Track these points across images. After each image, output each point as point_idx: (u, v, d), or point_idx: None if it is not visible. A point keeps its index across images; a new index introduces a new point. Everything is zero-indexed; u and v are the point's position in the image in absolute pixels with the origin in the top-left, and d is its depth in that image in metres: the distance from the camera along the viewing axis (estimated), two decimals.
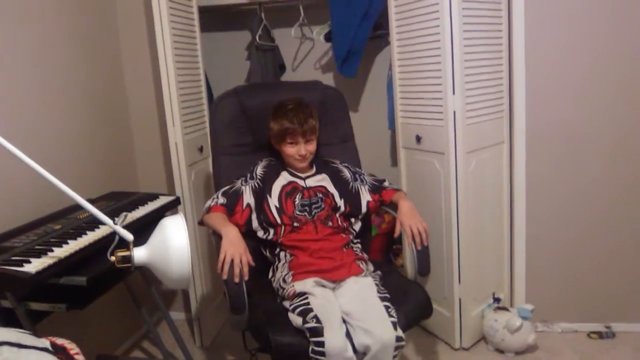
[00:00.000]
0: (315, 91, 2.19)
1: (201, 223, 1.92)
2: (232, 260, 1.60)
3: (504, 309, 2.33)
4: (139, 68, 2.56)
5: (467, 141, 2.16)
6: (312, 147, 1.93)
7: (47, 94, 2.03)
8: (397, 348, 1.55)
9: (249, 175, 1.97)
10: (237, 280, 1.58)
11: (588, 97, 2.24)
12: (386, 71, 2.75)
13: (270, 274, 1.90)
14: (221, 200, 1.90)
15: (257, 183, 1.94)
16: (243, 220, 1.89)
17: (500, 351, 2.30)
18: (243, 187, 1.93)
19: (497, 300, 2.38)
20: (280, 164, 2.01)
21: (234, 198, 1.91)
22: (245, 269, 1.61)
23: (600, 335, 2.37)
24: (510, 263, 2.45)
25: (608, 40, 2.18)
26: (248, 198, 1.91)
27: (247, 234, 1.92)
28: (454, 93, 2.10)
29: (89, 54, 2.30)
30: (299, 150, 1.90)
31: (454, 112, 2.12)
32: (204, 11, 2.60)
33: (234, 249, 1.62)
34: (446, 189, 2.22)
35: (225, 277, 1.59)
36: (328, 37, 2.75)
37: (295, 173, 1.98)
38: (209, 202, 1.91)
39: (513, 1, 2.20)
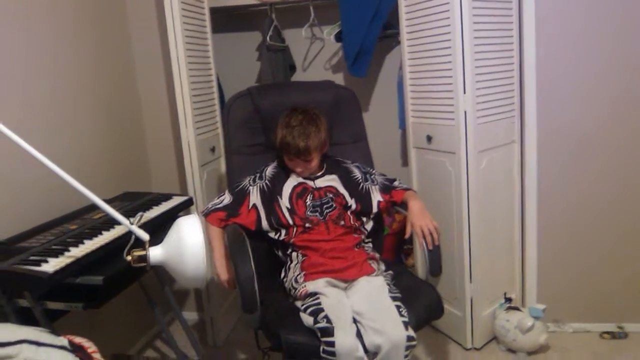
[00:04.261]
0: (328, 91, 2.20)
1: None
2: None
3: (516, 308, 2.32)
4: (152, 69, 2.59)
5: (478, 141, 2.16)
6: (311, 164, 1.92)
7: (61, 95, 2.05)
8: (408, 348, 1.55)
9: (258, 175, 1.98)
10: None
11: (599, 96, 2.23)
12: (396, 71, 2.75)
13: (283, 274, 1.91)
14: (227, 199, 1.93)
15: (266, 184, 1.95)
16: (251, 222, 1.91)
17: (512, 351, 2.30)
18: (250, 187, 1.95)
19: (508, 300, 2.38)
20: None
21: (240, 198, 1.93)
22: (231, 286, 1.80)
23: (612, 335, 2.36)
24: (522, 263, 2.45)
25: (619, 39, 2.17)
26: (255, 199, 1.93)
27: (258, 234, 1.94)
28: (464, 92, 2.10)
29: (101, 56, 2.33)
30: (295, 166, 1.92)
31: (465, 112, 2.12)
32: (215, 12, 2.62)
33: (224, 275, 1.82)
34: (457, 189, 2.22)
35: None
36: (338, 37, 2.76)
37: None
38: (212, 204, 1.95)
39: (523, 0, 2.19)
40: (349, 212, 1.94)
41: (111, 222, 1.73)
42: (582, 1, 2.17)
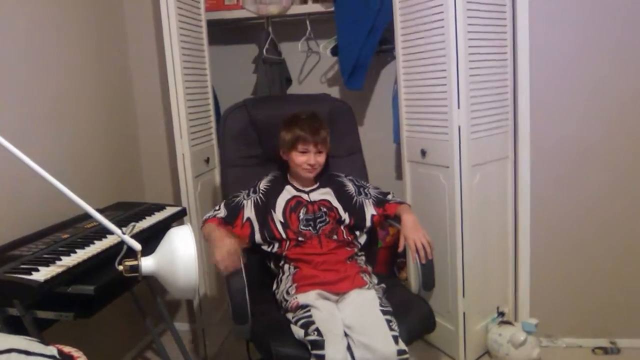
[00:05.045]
0: (324, 104, 2.22)
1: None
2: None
3: (508, 323, 2.32)
4: (148, 80, 2.60)
5: (472, 155, 2.17)
6: (321, 158, 1.93)
7: (56, 105, 2.05)
8: None
9: (252, 189, 1.99)
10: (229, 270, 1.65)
11: (592, 111, 2.25)
12: (392, 85, 2.77)
13: (274, 285, 1.91)
14: (222, 213, 1.93)
15: (260, 197, 1.95)
16: (244, 235, 1.91)
17: None
18: (245, 201, 1.95)
19: (501, 314, 2.38)
20: (284, 178, 2.02)
21: (234, 211, 1.93)
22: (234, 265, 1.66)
23: (605, 350, 2.36)
24: (515, 277, 2.45)
25: (612, 55, 2.20)
26: (249, 212, 1.93)
27: (251, 247, 1.94)
28: (459, 107, 2.12)
29: (97, 65, 2.34)
30: (308, 159, 1.91)
31: (459, 127, 2.14)
32: (212, 25, 2.64)
33: (220, 257, 1.66)
34: (451, 203, 2.22)
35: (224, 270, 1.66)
36: (334, 51, 2.78)
37: (299, 187, 1.99)
38: (209, 214, 1.94)
39: (518, 16, 2.22)
40: (342, 227, 1.94)
41: (103, 232, 1.72)
42: (576, 16, 2.20)
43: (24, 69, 1.89)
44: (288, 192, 1.97)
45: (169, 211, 2.10)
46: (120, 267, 1.33)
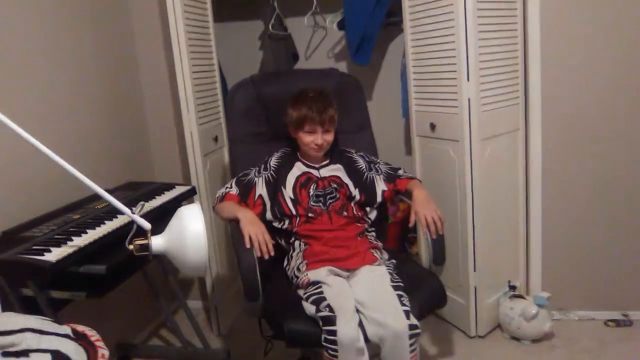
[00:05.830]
0: (332, 79, 2.19)
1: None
2: (256, 239, 1.70)
3: (520, 296, 2.32)
4: (154, 58, 2.58)
5: (482, 128, 2.15)
6: (329, 137, 1.92)
7: (62, 85, 2.05)
8: (412, 336, 1.54)
9: (262, 166, 1.98)
10: (265, 256, 1.69)
11: (604, 82, 2.21)
12: (400, 59, 2.73)
13: (285, 262, 1.91)
14: (234, 190, 1.93)
15: (271, 174, 1.94)
16: (256, 213, 1.91)
17: (516, 339, 2.29)
18: (256, 179, 1.94)
19: (512, 288, 2.38)
20: (294, 154, 2.01)
21: (246, 189, 1.93)
22: (270, 245, 1.70)
23: (617, 323, 2.36)
24: (526, 250, 2.44)
25: (624, 26, 2.14)
26: (260, 189, 1.92)
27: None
28: (468, 80, 2.09)
29: (103, 44, 2.32)
30: (315, 139, 1.90)
31: (469, 99, 2.10)
32: (216, 1, 2.60)
33: (255, 228, 1.72)
34: (461, 177, 2.21)
35: (259, 255, 1.68)
36: (341, 25, 2.74)
37: (309, 163, 1.98)
38: (222, 190, 1.94)
39: None
40: (352, 203, 1.93)
41: (114, 212, 1.73)
42: None
43: (26, 49, 1.88)
44: (298, 169, 1.96)
45: (178, 190, 2.11)
46: (131, 247, 1.34)
